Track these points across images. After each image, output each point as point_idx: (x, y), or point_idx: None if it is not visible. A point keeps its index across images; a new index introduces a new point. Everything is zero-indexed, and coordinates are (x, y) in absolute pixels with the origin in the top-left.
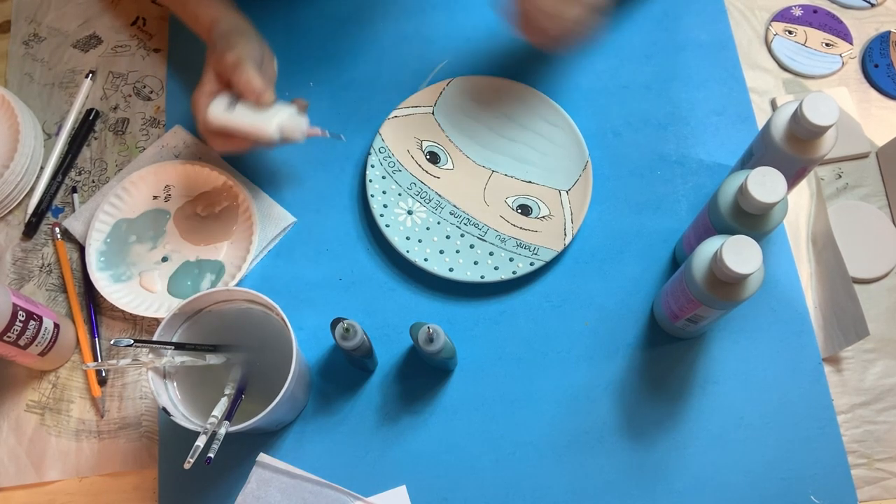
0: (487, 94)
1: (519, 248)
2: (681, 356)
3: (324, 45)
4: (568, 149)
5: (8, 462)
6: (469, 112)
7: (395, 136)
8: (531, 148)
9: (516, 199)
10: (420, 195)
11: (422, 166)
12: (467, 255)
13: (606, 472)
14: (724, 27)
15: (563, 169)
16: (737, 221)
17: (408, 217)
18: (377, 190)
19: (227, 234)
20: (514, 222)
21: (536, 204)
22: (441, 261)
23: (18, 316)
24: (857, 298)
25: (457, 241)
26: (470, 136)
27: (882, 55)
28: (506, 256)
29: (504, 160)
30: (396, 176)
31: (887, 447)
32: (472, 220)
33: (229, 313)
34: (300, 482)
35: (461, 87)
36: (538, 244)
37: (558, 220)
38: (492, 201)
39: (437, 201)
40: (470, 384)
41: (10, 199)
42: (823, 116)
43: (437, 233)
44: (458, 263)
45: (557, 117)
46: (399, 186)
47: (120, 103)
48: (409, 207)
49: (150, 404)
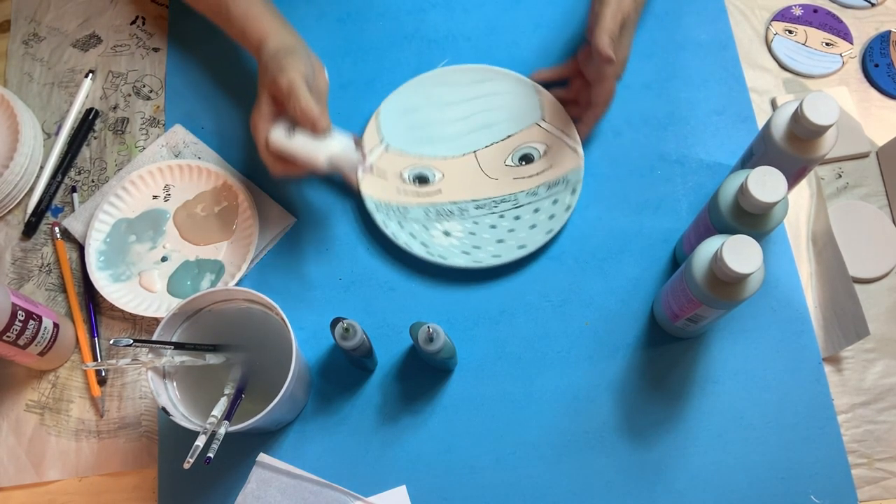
0: (416, 98)
1: (549, 191)
2: (681, 356)
3: (324, 44)
4: (514, 88)
5: (7, 462)
6: (415, 124)
7: (379, 188)
8: (487, 111)
9: (512, 156)
10: (442, 215)
11: (421, 193)
12: (511, 235)
13: (606, 472)
14: (725, 27)
15: (524, 105)
16: (737, 221)
17: (446, 238)
18: (407, 235)
19: (227, 234)
20: (529, 173)
21: (531, 148)
22: (486, 253)
23: (18, 315)
24: (857, 298)
25: (495, 224)
26: (432, 141)
27: (882, 55)
28: (544, 211)
29: (476, 136)
30: (410, 215)
31: (887, 447)
32: (496, 199)
33: (229, 313)
34: (300, 482)
35: (390, 108)
36: (562, 174)
37: (559, 144)
38: (497, 173)
39: (458, 208)
40: (470, 384)
41: (9, 199)
42: (824, 116)
43: (479, 229)
44: (502, 247)
45: (484, 72)
46: (421, 223)
47: (119, 103)
48: (444, 229)
49: (149, 404)
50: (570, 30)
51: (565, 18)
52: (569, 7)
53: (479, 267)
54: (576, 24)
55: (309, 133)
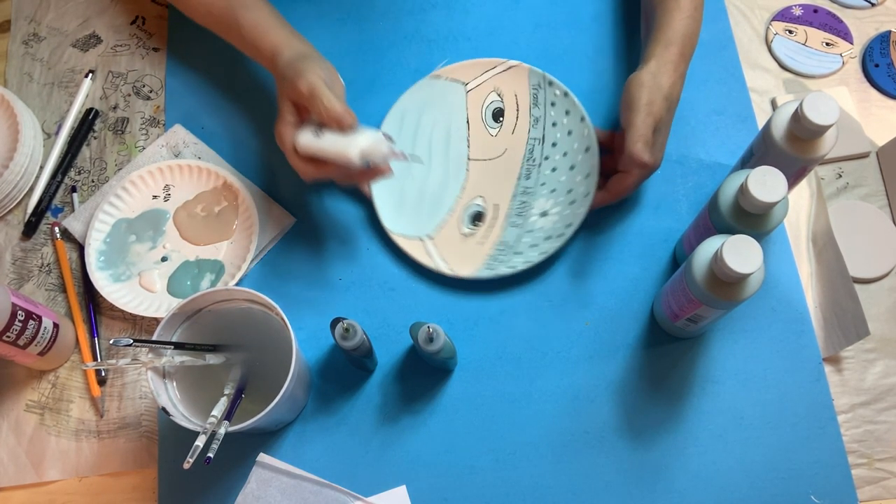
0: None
1: (542, 118)
2: (681, 356)
3: (324, 44)
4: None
5: (7, 462)
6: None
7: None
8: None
9: (485, 119)
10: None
11: (477, 232)
12: (559, 198)
13: (606, 472)
14: (725, 27)
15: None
16: (737, 221)
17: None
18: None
19: (227, 234)
20: (511, 123)
21: (492, 105)
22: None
23: (18, 315)
24: (857, 298)
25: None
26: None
27: (882, 55)
28: (565, 140)
29: (454, 146)
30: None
31: (887, 447)
32: (521, 165)
33: (229, 313)
34: (300, 482)
35: (383, 197)
36: (527, 94)
37: (505, 79)
38: (495, 149)
39: (508, 206)
40: (470, 384)
41: (9, 199)
42: (824, 116)
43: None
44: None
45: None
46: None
47: (119, 103)
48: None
49: (149, 404)
50: (570, 30)
51: (565, 18)
52: (569, 7)
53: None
54: (575, 25)
55: (336, 131)
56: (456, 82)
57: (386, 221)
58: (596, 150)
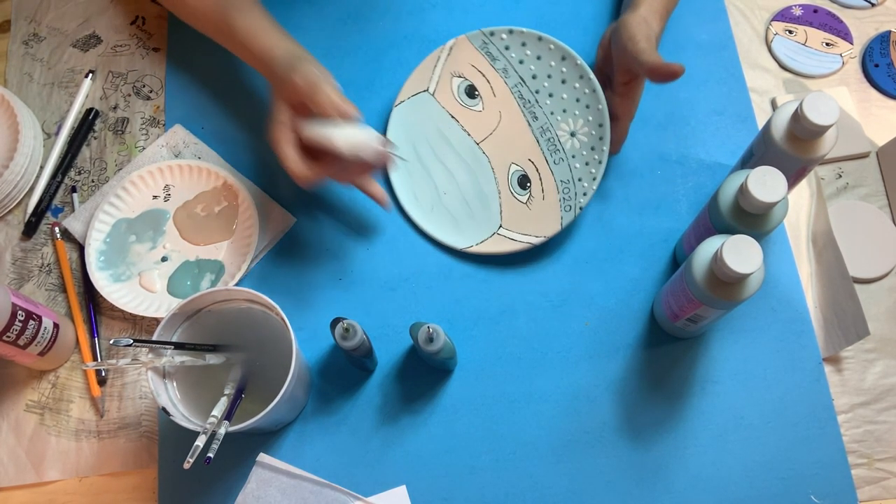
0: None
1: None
2: (681, 356)
3: (323, 44)
4: None
5: (7, 462)
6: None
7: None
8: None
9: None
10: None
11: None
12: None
13: (606, 472)
14: (724, 27)
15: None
16: (737, 221)
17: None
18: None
19: (227, 234)
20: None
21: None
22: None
23: (18, 315)
24: (857, 298)
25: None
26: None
27: (882, 55)
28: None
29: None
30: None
31: (887, 447)
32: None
33: (229, 313)
34: (300, 482)
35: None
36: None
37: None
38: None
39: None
40: (470, 384)
41: (9, 199)
42: (823, 116)
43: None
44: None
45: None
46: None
47: (119, 103)
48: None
49: (149, 404)
50: (570, 29)
51: (565, 18)
52: (569, 7)
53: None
54: (576, 24)
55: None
56: (418, 94)
57: (461, 244)
58: (573, 54)
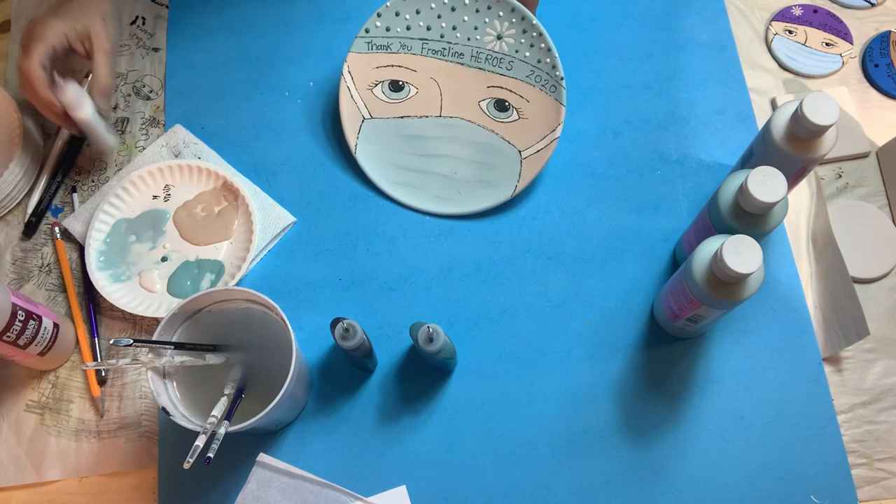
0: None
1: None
2: (681, 356)
3: (324, 44)
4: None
5: (7, 462)
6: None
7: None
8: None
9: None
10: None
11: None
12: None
13: (606, 472)
14: (724, 27)
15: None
16: (737, 221)
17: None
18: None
19: (227, 234)
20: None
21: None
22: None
23: (18, 315)
24: (857, 298)
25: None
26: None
27: (882, 55)
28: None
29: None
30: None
31: (887, 447)
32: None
33: (229, 313)
34: (300, 482)
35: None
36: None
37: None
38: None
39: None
40: (470, 384)
41: (9, 199)
42: (823, 116)
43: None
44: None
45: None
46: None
47: (119, 103)
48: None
49: (149, 404)
50: (571, 30)
51: (565, 18)
52: (569, 7)
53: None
54: (576, 24)
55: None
56: (361, 128)
57: (508, 191)
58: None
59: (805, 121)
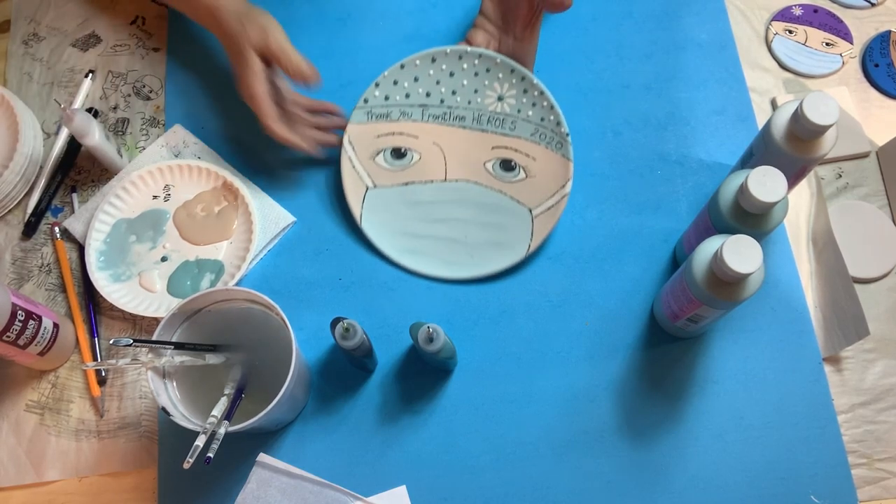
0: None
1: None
2: (681, 356)
3: (324, 44)
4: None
5: (7, 462)
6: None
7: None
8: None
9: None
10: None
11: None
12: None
13: (606, 472)
14: (724, 27)
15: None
16: (737, 221)
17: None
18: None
19: (227, 234)
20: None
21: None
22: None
23: (18, 315)
24: (857, 298)
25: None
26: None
27: (882, 55)
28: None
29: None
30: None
31: (887, 447)
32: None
33: (229, 313)
34: (300, 482)
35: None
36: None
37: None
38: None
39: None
40: (470, 384)
41: (9, 199)
42: (824, 116)
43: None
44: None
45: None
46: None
47: (119, 103)
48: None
49: (149, 404)
50: (570, 30)
51: (565, 19)
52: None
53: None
54: (575, 25)
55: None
56: (365, 197)
57: (522, 251)
58: (438, 50)
59: (805, 121)
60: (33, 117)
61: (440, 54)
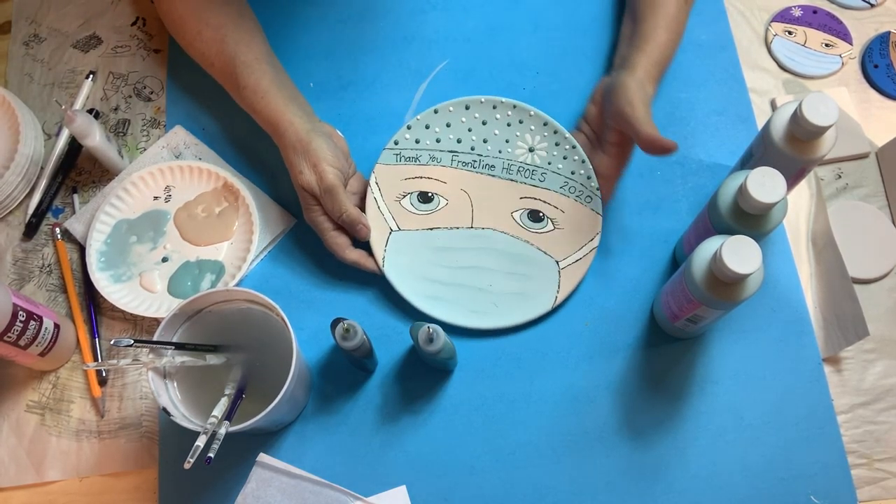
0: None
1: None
2: (681, 356)
3: (324, 44)
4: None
5: (8, 462)
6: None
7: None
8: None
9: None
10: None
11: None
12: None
13: (606, 472)
14: (724, 27)
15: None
16: (737, 221)
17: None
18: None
19: (227, 235)
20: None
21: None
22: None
23: (19, 316)
24: (857, 298)
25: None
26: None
27: (882, 55)
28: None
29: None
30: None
31: (887, 447)
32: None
33: (229, 313)
34: (300, 482)
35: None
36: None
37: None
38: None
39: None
40: (470, 384)
41: (10, 200)
42: (823, 117)
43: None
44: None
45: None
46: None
47: (120, 104)
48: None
49: (150, 404)
50: (570, 30)
51: (565, 19)
52: (569, 7)
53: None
54: (576, 25)
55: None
56: (388, 240)
57: (548, 303)
58: (472, 99)
59: (804, 121)
60: (34, 118)
61: (474, 102)
